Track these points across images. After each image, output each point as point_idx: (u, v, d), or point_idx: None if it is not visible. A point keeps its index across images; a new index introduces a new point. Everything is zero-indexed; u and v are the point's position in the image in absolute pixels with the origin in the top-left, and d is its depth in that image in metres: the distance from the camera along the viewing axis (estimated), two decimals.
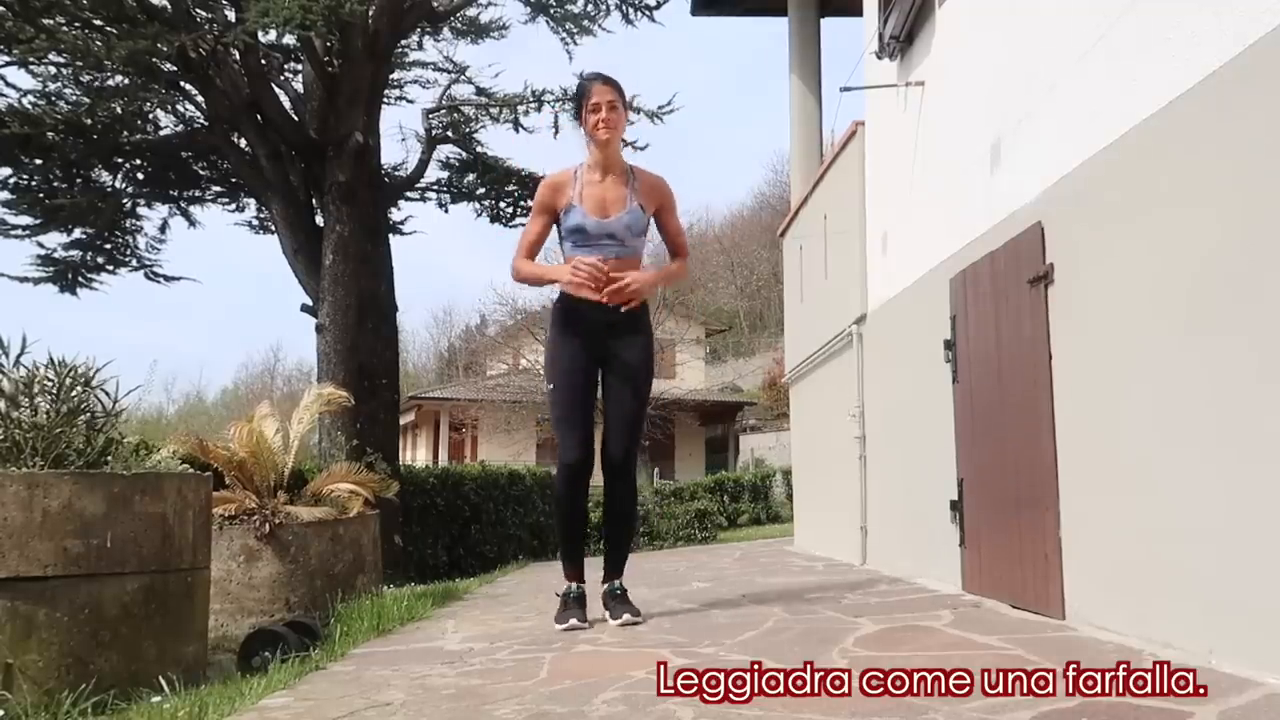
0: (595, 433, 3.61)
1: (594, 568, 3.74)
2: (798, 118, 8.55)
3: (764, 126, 73.60)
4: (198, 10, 9.32)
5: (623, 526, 3.78)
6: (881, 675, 2.28)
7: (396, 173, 11.59)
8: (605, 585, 3.63)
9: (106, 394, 3.21)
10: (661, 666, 2.45)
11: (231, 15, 9.17)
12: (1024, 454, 3.51)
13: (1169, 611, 2.60)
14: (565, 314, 3.59)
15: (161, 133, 10.31)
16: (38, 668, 2.63)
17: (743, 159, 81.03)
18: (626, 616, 3.45)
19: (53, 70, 9.34)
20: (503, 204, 12.21)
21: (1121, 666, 2.25)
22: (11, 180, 9.62)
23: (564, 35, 10.85)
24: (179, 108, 10.24)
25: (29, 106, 9.16)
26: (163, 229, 10.95)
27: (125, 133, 9.82)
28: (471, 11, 11.42)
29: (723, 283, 44.08)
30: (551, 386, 3.60)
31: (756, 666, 2.52)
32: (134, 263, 10.83)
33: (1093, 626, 2.94)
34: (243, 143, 9.78)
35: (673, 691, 2.27)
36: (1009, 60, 3.82)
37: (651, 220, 3.69)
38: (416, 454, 30.94)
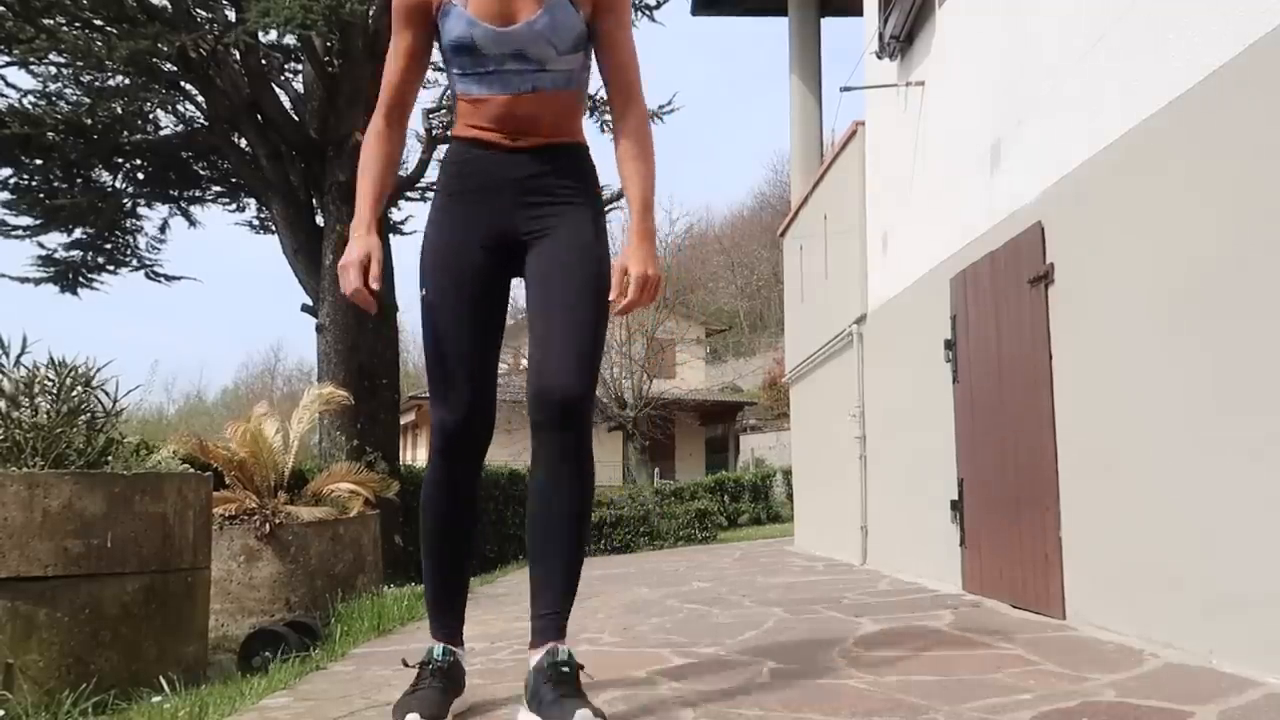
0: (496, 386, 2.24)
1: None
2: (798, 118, 8.55)
3: (764, 126, 73.70)
4: (198, 10, 9.32)
5: (567, 536, 2.07)
6: (882, 675, 2.28)
7: (397, 172, 11.59)
8: (539, 655, 1.98)
9: (107, 394, 3.21)
10: (661, 666, 2.45)
11: (232, 15, 9.17)
12: (1024, 454, 3.51)
13: (1169, 611, 2.60)
14: (457, 169, 2.20)
15: (161, 133, 10.30)
16: (38, 668, 2.63)
17: (743, 159, 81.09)
18: (581, 716, 1.79)
19: (53, 70, 9.35)
20: None
21: (1122, 666, 2.25)
22: (12, 180, 9.63)
23: None
24: (179, 108, 10.24)
25: (29, 106, 9.17)
26: (163, 229, 10.97)
27: (125, 133, 9.82)
28: None
29: (723, 283, 44.07)
30: (424, 292, 2.16)
31: (757, 666, 2.52)
32: (134, 263, 10.83)
33: (1093, 626, 2.94)
34: (243, 143, 9.78)
35: (673, 691, 2.27)
36: (1009, 60, 3.82)
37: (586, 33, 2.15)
38: (417, 454, 30.94)
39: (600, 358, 2.13)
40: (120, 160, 10.25)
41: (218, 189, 11.22)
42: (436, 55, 2.22)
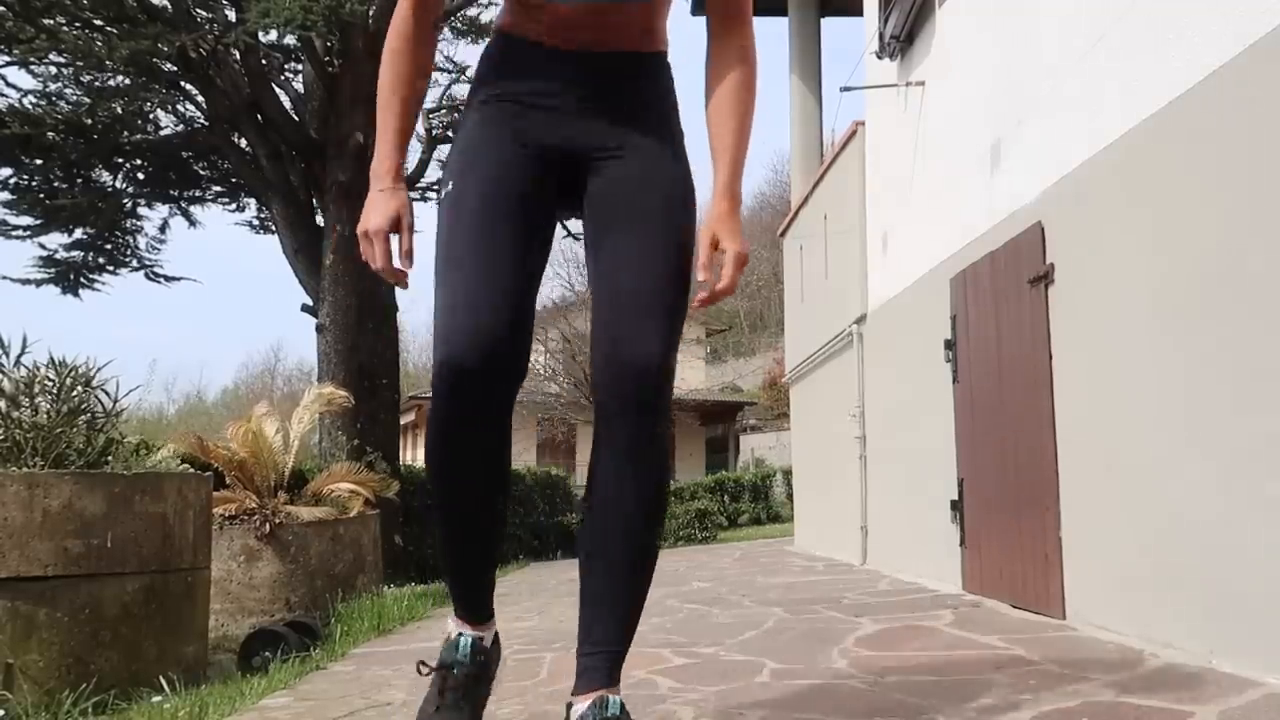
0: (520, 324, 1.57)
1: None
2: (798, 118, 8.56)
3: (764, 126, 73.50)
4: (198, 10, 9.32)
5: (629, 549, 1.60)
6: (882, 675, 2.28)
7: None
8: (584, 706, 1.53)
9: (107, 394, 3.21)
10: (661, 666, 2.45)
11: (232, 15, 9.18)
12: (1024, 454, 3.51)
13: (1169, 611, 2.60)
14: (496, 64, 1.68)
15: (162, 133, 10.31)
16: (38, 668, 2.63)
17: None
18: None
19: (53, 70, 9.36)
20: None
21: (1122, 666, 2.25)
22: (12, 180, 9.64)
23: None
24: (179, 108, 10.25)
25: (29, 106, 9.17)
26: (163, 229, 10.97)
27: (125, 133, 9.83)
28: (472, 11, 11.41)
29: None
30: (449, 187, 1.63)
31: (757, 666, 2.52)
32: (134, 263, 10.84)
33: (1093, 626, 2.94)
34: (243, 143, 9.78)
35: (673, 691, 2.27)
36: (1009, 60, 3.82)
37: None
38: (417, 454, 30.92)
39: (684, 315, 1.60)
40: (120, 160, 10.26)
41: (218, 189, 11.23)
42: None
